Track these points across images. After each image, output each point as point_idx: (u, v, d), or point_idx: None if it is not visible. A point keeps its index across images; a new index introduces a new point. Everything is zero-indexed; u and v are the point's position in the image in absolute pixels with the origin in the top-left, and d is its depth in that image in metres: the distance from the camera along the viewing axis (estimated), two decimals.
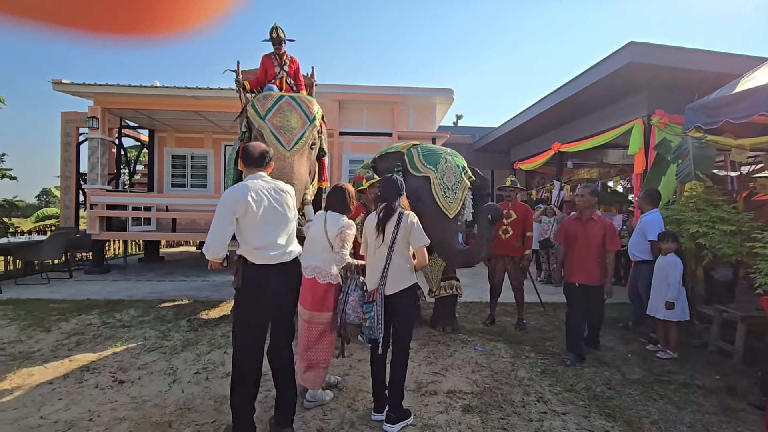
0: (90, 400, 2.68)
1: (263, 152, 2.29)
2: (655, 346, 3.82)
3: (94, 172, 7.45)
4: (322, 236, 2.56)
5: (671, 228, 4.33)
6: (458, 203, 3.85)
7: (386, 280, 2.43)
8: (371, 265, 2.55)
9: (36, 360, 3.33)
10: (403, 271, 2.46)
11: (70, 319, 4.44)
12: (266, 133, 3.66)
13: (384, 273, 2.43)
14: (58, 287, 6.11)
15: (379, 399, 2.51)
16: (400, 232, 2.43)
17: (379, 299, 2.43)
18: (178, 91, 7.20)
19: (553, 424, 2.47)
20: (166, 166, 9.49)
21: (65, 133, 8.93)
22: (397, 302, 2.45)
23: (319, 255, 2.56)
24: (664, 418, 2.58)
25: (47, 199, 27.14)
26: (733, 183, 6.24)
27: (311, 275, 2.54)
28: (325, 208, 2.70)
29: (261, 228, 2.12)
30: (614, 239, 3.54)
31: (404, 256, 2.48)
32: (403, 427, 2.39)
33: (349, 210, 2.70)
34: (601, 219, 3.64)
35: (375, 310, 2.42)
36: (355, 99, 9.16)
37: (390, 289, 2.44)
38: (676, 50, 5.71)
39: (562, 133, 9.14)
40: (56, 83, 7.15)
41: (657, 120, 6.19)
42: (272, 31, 4.40)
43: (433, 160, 3.94)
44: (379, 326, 2.41)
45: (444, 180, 3.84)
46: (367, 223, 2.61)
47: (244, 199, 2.05)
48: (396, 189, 2.54)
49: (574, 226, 3.68)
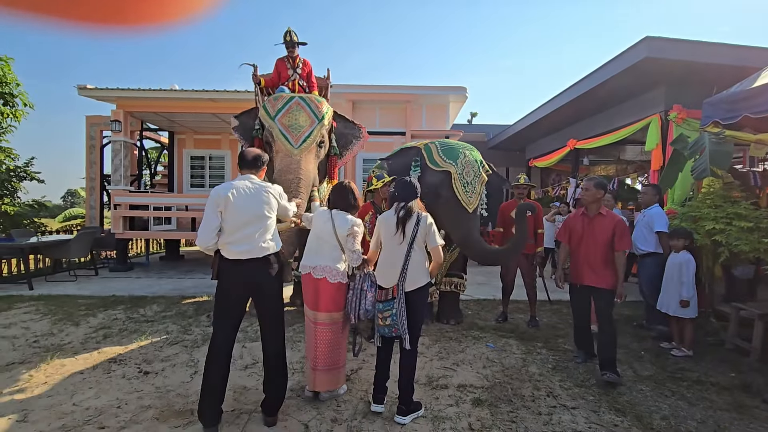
0: (118, 389, 2.83)
1: (256, 156, 2.47)
2: (669, 343, 3.79)
3: (118, 174, 7.73)
4: (330, 236, 2.59)
5: (687, 225, 4.28)
6: (477, 197, 3.89)
7: (406, 278, 2.48)
8: (387, 263, 2.57)
9: (67, 352, 3.52)
10: (421, 269, 2.53)
11: (97, 314, 4.65)
12: (275, 132, 3.79)
13: (404, 270, 2.47)
14: (85, 284, 6.38)
15: (380, 390, 2.57)
16: (420, 232, 2.50)
17: (400, 296, 2.47)
18: (196, 93, 7.42)
19: (562, 418, 2.51)
20: (186, 167, 9.76)
21: (90, 136, 9.26)
22: (415, 299, 2.51)
23: (329, 254, 2.60)
24: (674, 413, 2.58)
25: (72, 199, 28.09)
26: (755, 179, 6.11)
27: (321, 275, 2.56)
28: (329, 206, 2.73)
29: (235, 224, 2.27)
30: (624, 237, 3.15)
31: (422, 254, 2.55)
32: (414, 419, 2.46)
33: (354, 207, 2.73)
34: (611, 214, 3.26)
35: (397, 308, 2.45)
36: (368, 99, 9.25)
37: (409, 286, 2.49)
38: (694, 44, 5.61)
39: (577, 130, 9.04)
40: (81, 88, 7.45)
41: (675, 115, 6.09)
42: (286, 35, 4.52)
43: (452, 155, 3.97)
44: (403, 323, 2.44)
45: (464, 174, 3.88)
46: (383, 221, 2.61)
47: (225, 195, 2.24)
48: (414, 190, 2.58)
49: (580, 223, 3.34)
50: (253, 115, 4.39)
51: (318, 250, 2.63)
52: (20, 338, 3.84)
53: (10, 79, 7.44)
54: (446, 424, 2.44)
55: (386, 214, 2.64)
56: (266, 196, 2.37)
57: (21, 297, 5.41)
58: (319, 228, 2.66)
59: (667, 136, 6.19)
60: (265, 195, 2.37)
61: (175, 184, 9.63)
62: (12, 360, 3.33)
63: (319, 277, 2.57)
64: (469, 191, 3.85)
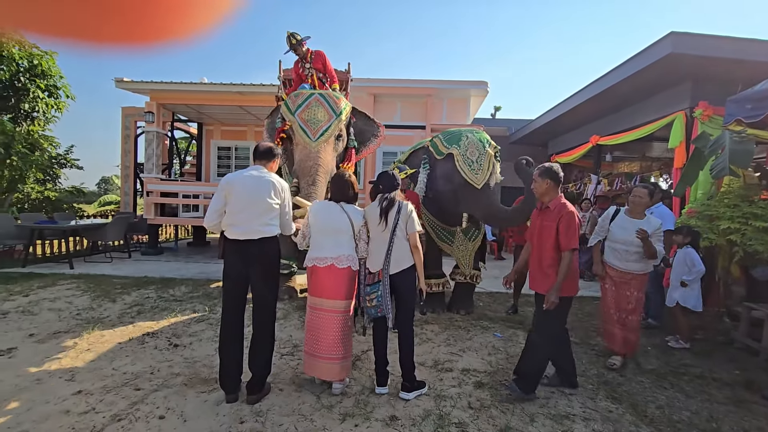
0: (151, 358, 3.14)
1: (268, 149, 2.71)
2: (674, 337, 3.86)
3: (150, 162, 8.17)
4: (348, 226, 2.68)
5: (703, 224, 4.27)
6: (484, 174, 4.02)
7: (390, 261, 2.68)
8: (373, 249, 2.76)
9: (106, 324, 3.87)
10: (404, 253, 2.71)
11: (131, 292, 5.03)
12: (295, 126, 4.01)
13: (388, 255, 2.67)
14: (119, 265, 6.83)
15: (381, 374, 2.72)
16: (401, 219, 2.69)
17: (384, 279, 2.67)
18: (224, 87, 7.74)
19: (558, 402, 2.64)
20: (213, 157, 10.17)
21: (125, 126, 9.75)
22: (400, 281, 2.70)
23: (349, 244, 2.69)
24: (670, 404, 2.67)
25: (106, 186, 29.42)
26: None
27: (346, 265, 2.63)
28: (335, 198, 2.77)
29: (236, 208, 2.51)
30: (569, 233, 2.56)
31: (404, 240, 2.72)
32: (418, 396, 2.65)
33: (355, 197, 2.82)
34: (558, 206, 2.66)
35: (382, 290, 2.65)
36: (389, 92, 9.36)
37: (393, 269, 2.68)
38: (721, 39, 5.48)
39: (600, 126, 8.90)
40: (118, 81, 7.89)
41: (700, 112, 5.96)
42: (288, 40, 4.68)
43: (454, 139, 4.16)
44: (387, 304, 2.64)
45: (467, 155, 4.04)
46: (369, 213, 2.77)
47: (231, 182, 2.53)
48: (395, 182, 2.78)
49: (533, 217, 2.92)
50: (277, 113, 4.62)
51: (336, 242, 2.66)
52: (64, 311, 4.22)
53: (55, 72, 7.95)
54: (447, 402, 2.61)
55: (371, 206, 2.80)
56: (270, 185, 2.58)
57: (63, 275, 5.87)
58: (332, 220, 2.68)
59: (691, 133, 6.08)
60: (268, 184, 2.57)
61: (203, 173, 10.05)
62: (58, 329, 3.70)
63: (343, 267, 2.63)
64: (474, 168, 4.00)
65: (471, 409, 2.54)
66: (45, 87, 7.86)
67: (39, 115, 8.08)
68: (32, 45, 7.63)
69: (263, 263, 2.57)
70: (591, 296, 5.65)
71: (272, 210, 2.59)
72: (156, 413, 2.37)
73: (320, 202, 2.92)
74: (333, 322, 2.64)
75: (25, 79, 7.60)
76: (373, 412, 2.45)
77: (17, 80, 7.52)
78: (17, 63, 7.34)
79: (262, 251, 2.54)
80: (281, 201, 2.64)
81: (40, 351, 3.21)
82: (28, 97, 7.67)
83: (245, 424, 2.30)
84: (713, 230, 4.16)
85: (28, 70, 7.60)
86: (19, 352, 3.19)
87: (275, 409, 2.45)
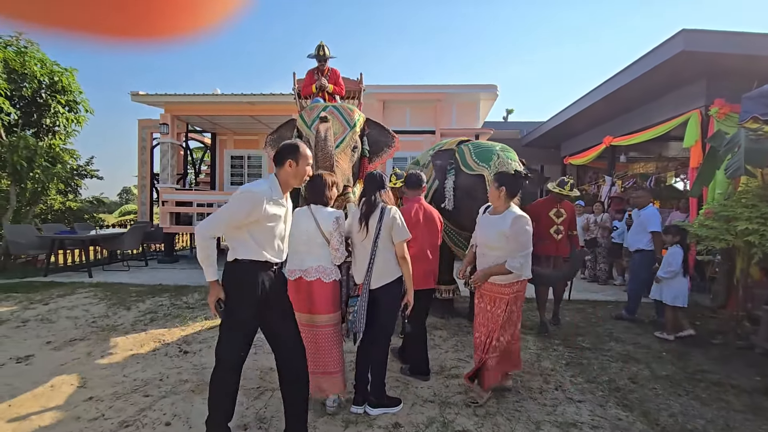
0: (161, 365, 3.20)
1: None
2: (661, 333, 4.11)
3: (165, 173, 8.37)
4: (316, 233, 2.44)
5: (720, 225, 4.14)
6: None
7: (371, 275, 2.45)
8: (357, 259, 2.55)
9: (120, 332, 3.97)
10: (389, 266, 2.48)
11: (145, 300, 5.14)
12: (312, 139, 4.04)
13: (369, 267, 2.44)
14: (136, 273, 7.00)
15: (358, 391, 2.55)
16: (383, 227, 2.44)
17: (363, 294, 2.44)
18: (235, 97, 7.90)
19: (567, 410, 2.58)
20: (226, 166, 10.36)
21: (141, 138, 10.04)
22: (381, 296, 2.48)
23: (319, 253, 2.46)
24: (684, 412, 2.59)
25: (127, 196, 30.22)
26: None
27: (315, 276, 2.44)
28: (308, 201, 2.56)
29: None
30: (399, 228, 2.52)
31: (389, 250, 2.48)
32: (383, 414, 2.49)
33: (329, 200, 2.56)
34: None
35: (359, 305, 2.43)
36: (398, 98, 9.41)
37: (375, 284, 2.46)
38: (734, 35, 5.35)
39: (614, 126, 8.76)
40: (134, 95, 8.14)
41: (716, 110, 5.82)
42: (318, 49, 4.76)
43: (485, 157, 3.95)
44: (361, 321, 2.41)
45: None
46: (352, 219, 2.57)
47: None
48: (377, 183, 2.54)
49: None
50: (290, 127, 4.62)
51: (308, 251, 2.46)
52: (81, 319, 4.35)
53: (74, 87, 8.23)
54: (452, 409, 2.58)
55: (355, 211, 2.60)
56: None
57: (82, 283, 6.04)
58: (302, 227, 2.46)
59: (707, 132, 5.93)
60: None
61: (217, 182, 10.25)
62: (74, 337, 3.80)
63: (313, 279, 2.44)
64: None
65: (476, 416, 2.51)
66: (65, 102, 8.13)
67: (60, 129, 8.36)
68: (53, 62, 7.93)
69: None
70: (605, 300, 5.54)
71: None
72: (163, 420, 2.41)
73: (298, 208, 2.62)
74: (309, 338, 2.44)
75: (46, 95, 7.89)
76: (377, 420, 2.44)
77: (39, 96, 7.81)
78: (39, 80, 7.63)
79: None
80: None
81: (56, 358, 3.31)
82: (50, 112, 7.95)
83: (249, 430, 2.32)
84: (731, 231, 4.03)
85: (49, 87, 7.88)
86: (35, 359, 3.29)
87: (279, 416, 2.45)
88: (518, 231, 2.53)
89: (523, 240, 2.53)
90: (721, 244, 4.04)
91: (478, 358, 2.71)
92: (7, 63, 7.25)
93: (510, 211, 2.64)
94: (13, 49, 7.46)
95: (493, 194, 2.69)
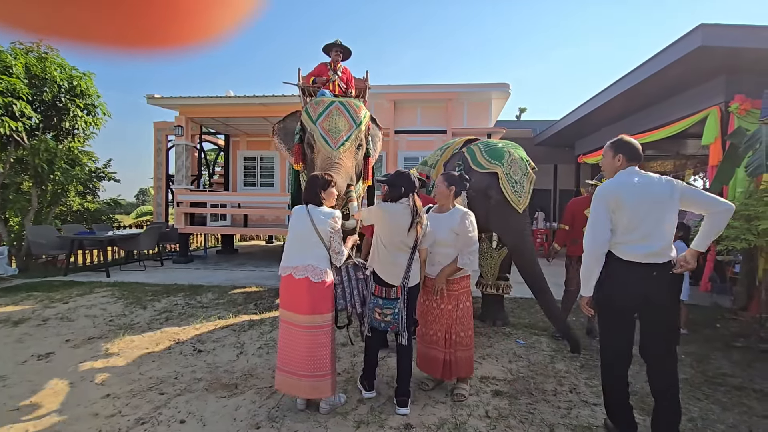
0: (175, 363, 3.24)
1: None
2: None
3: (180, 174, 8.51)
4: (311, 232, 2.48)
5: (740, 224, 4.03)
6: (526, 197, 3.76)
7: (410, 276, 2.54)
8: (388, 262, 2.56)
9: (136, 330, 4.04)
10: (418, 267, 2.64)
11: (161, 299, 5.23)
12: (316, 135, 4.04)
13: (408, 268, 2.54)
14: (152, 273, 7.12)
15: (370, 377, 2.75)
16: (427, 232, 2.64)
17: (403, 296, 2.53)
18: (248, 99, 7.99)
19: (581, 413, 2.54)
20: (239, 167, 10.49)
21: (157, 140, 10.20)
22: (414, 294, 2.64)
23: (312, 252, 2.48)
24: (703, 416, 2.52)
25: (143, 197, 30.85)
26: None
27: (303, 275, 2.43)
28: (303, 200, 2.61)
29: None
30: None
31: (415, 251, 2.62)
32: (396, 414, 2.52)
33: (324, 200, 2.60)
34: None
35: (401, 307, 2.52)
36: (409, 98, 9.37)
37: (412, 282, 2.58)
38: (755, 29, 5.19)
39: (629, 124, 8.58)
40: (149, 98, 8.30)
41: (736, 106, 5.65)
42: (335, 45, 4.84)
43: (497, 155, 3.88)
44: (404, 321, 2.53)
45: (511, 174, 3.77)
46: (391, 214, 2.56)
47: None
48: (415, 185, 2.64)
49: None
50: (296, 118, 4.68)
51: (300, 249, 2.49)
52: (99, 318, 4.44)
53: (92, 91, 8.42)
54: (464, 410, 2.56)
55: (394, 207, 2.58)
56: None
57: (100, 283, 6.18)
58: (299, 227, 2.52)
59: (727, 128, 5.77)
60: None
61: (230, 183, 10.37)
62: (92, 335, 3.89)
63: (300, 278, 2.43)
64: (518, 191, 3.73)
65: (488, 418, 2.48)
66: (84, 106, 8.31)
67: (79, 132, 8.56)
68: (72, 67, 8.12)
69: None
70: None
71: None
72: (177, 417, 2.45)
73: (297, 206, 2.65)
74: (296, 337, 2.46)
75: (65, 99, 8.07)
76: (388, 420, 2.44)
77: (59, 100, 8.00)
78: (59, 85, 7.82)
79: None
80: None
81: (75, 356, 3.39)
82: (69, 115, 8.14)
83: (261, 429, 2.33)
84: (752, 231, 3.92)
85: (68, 91, 8.07)
86: (55, 356, 3.37)
87: (290, 415, 2.47)
88: (467, 227, 2.69)
89: (471, 236, 2.69)
90: (742, 245, 3.93)
91: (442, 355, 2.73)
92: (28, 68, 7.45)
93: (457, 209, 2.79)
94: (34, 55, 7.66)
95: (443, 193, 2.82)
